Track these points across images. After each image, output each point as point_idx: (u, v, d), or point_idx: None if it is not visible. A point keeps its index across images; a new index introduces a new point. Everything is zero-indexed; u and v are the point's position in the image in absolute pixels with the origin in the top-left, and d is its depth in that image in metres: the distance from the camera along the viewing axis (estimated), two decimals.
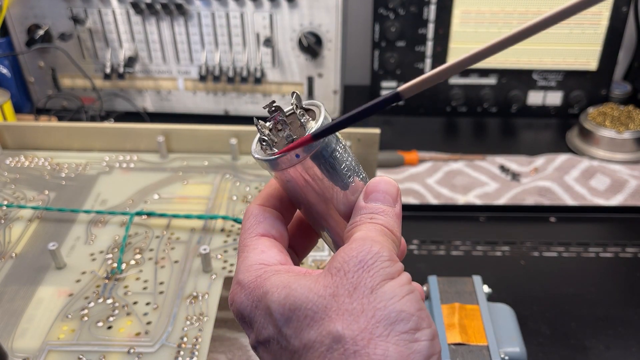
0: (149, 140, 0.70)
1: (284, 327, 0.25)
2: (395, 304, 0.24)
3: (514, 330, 0.48)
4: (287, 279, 0.26)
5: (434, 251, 0.68)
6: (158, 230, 0.58)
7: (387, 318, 0.24)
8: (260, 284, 0.27)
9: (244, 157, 0.70)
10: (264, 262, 0.28)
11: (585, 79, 0.92)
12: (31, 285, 0.51)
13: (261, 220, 0.30)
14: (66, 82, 0.93)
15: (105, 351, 0.45)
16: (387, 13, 0.88)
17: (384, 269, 0.25)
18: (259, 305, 0.27)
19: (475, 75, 0.93)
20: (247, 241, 0.29)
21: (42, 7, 0.86)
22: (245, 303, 0.27)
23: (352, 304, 0.24)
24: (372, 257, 0.25)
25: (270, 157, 0.28)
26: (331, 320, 0.24)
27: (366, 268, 0.25)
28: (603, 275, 0.64)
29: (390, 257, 0.26)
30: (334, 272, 0.25)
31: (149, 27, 0.87)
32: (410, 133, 0.93)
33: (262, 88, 0.91)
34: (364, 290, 0.25)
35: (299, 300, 0.25)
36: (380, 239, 0.27)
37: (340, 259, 0.26)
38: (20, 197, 0.63)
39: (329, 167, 0.28)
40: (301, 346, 0.25)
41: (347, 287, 0.25)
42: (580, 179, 0.80)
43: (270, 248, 0.29)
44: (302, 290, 0.25)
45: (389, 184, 0.29)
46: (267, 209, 0.30)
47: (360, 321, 0.24)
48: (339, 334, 0.24)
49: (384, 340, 0.24)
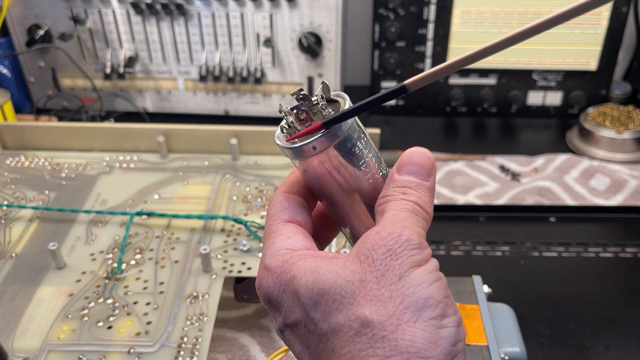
0: (149, 140, 0.70)
1: (312, 311, 0.26)
2: (423, 290, 0.24)
3: (513, 330, 0.48)
4: (315, 264, 0.26)
5: (434, 251, 0.68)
6: (158, 230, 0.58)
7: (414, 304, 0.24)
8: (287, 269, 0.27)
9: (244, 157, 0.70)
10: (291, 247, 0.28)
11: (585, 79, 0.92)
12: (31, 285, 0.51)
13: (286, 207, 0.30)
14: (66, 82, 0.93)
15: (106, 351, 0.45)
16: (387, 13, 0.88)
17: (412, 256, 0.25)
18: (287, 289, 0.27)
19: (475, 76, 0.93)
20: (273, 227, 0.30)
21: (42, 7, 0.86)
22: (272, 287, 0.27)
23: (380, 290, 0.25)
24: (400, 245, 0.25)
25: (290, 145, 0.28)
26: (359, 306, 0.25)
27: (394, 256, 0.25)
28: (603, 275, 0.64)
29: (419, 244, 0.26)
30: (362, 259, 0.25)
31: (149, 27, 0.87)
32: (410, 133, 0.93)
33: (262, 88, 0.91)
34: (392, 277, 0.25)
35: (327, 285, 0.25)
36: (411, 222, 0.26)
37: (369, 245, 0.26)
38: (20, 197, 0.63)
39: (350, 156, 0.28)
40: (329, 330, 0.25)
41: (375, 274, 0.25)
42: (580, 179, 0.80)
43: (296, 234, 0.29)
44: (330, 275, 0.26)
45: (424, 156, 0.29)
46: (291, 196, 0.31)
47: (388, 307, 0.24)
48: (368, 319, 0.24)
49: (411, 326, 0.24)
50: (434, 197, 0.29)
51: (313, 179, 0.29)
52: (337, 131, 0.27)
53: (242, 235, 0.57)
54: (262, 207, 0.61)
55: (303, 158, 0.28)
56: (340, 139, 0.27)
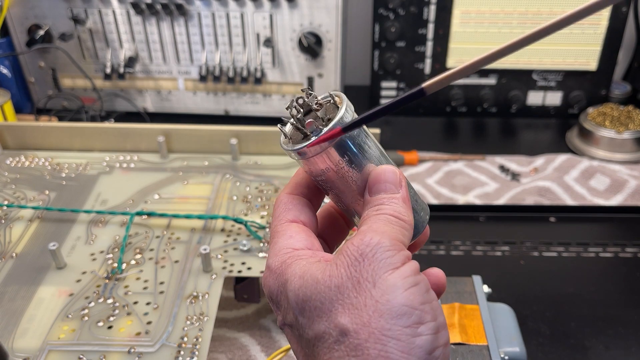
0: (149, 140, 0.70)
1: (300, 316, 0.27)
2: (397, 297, 0.24)
3: (513, 330, 0.48)
4: (303, 268, 0.27)
5: (434, 251, 0.68)
6: (158, 230, 0.58)
7: (389, 312, 0.24)
8: (284, 270, 0.28)
9: (244, 157, 0.70)
10: (292, 246, 0.29)
11: (585, 79, 0.92)
12: (32, 285, 0.51)
13: (290, 207, 0.31)
14: (66, 82, 0.93)
15: (106, 351, 0.45)
16: (387, 13, 0.88)
17: (385, 259, 0.25)
18: (283, 291, 0.28)
19: (475, 76, 0.93)
20: (278, 227, 0.30)
21: (43, 7, 0.86)
22: (273, 287, 0.29)
23: (357, 298, 0.25)
24: (371, 249, 0.26)
25: (294, 148, 0.29)
26: (337, 313, 0.25)
27: (367, 260, 0.25)
28: (603, 275, 0.64)
29: (392, 246, 0.26)
30: (339, 264, 0.26)
31: (149, 27, 0.87)
32: (410, 133, 0.93)
33: (262, 88, 0.91)
34: (366, 284, 0.25)
35: (309, 292, 0.26)
36: (384, 229, 0.27)
37: (344, 252, 0.26)
38: (20, 197, 0.63)
39: (354, 157, 0.29)
40: (313, 336, 0.26)
41: (352, 280, 0.25)
42: (580, 179, 0.80)
43: (298, 233, 0.30)
44: (312, 281, 0.26)
45: (390, 172, 0.29)
46: (295, 197, 0.31)
47: (363, 315, 0.24)
48: (345, 327, 0.25)
49: (385, 335, 0.24)
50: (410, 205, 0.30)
51: (318, 178, 0.30)
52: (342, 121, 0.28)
53: (242, 235, 0.57)
54: (262, 207, 0.61)
55: (306, 158, 0.29)
56: (345, 138, 0.28)
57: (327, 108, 0.29)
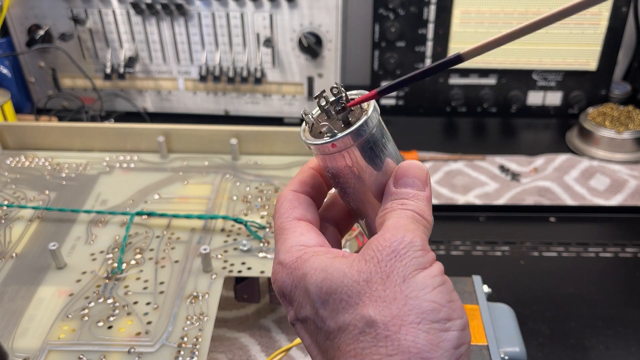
0: (149, 140, 0.70)
1: (321, 309, 0.27)
2: (426, 294, 0.25)
3: (513, 330, 0.48)
4: (325, 262, 0.27)
5: (434, 251, 0.67)
6: (158, 230, 0.58)
7: (418, 307, 0.25)
8: (300, 265, 0.28)
9: (244, 157, 0.70)
10: (304, 243, 0.29)
11: (585, 79, 0.92)
12: (32, 285, 0.51)
13: (296, 205, 0.31)
14: (66, 82, 0.93)
15: (106, 351, 0.45)
16: (387, 13, 0.88)
17: (416, 258, 0.26)
18: (299, 285, 0.28)
19: (475, 76, 0.93)
20: (285, 224, 0.30)
21: (43, 7, 0.86)
22: (286, 282, 0.28)
23: (385, 291, 0.25)
24: (404, 247, 0.26)
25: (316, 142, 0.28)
26: (365, 306, 0.25)
27: (399, 258, 0.26)
28: (603, 275, 0.64)
29: (423, 247, 0.27)
30: (368, 259, 0.26)
31: (149, 28, 0.87)
32: (410, 133, 0.93)
33: (262, 88, 0.91)
34: (396, 279, 0.25)
35: (334, 284, 0.26)
36: (413, 227, 0.27)
37: (374, 247, 0.26)
38: (20, 197, 0.63)
39: (372, 153, 0.29)
40: (336, 328, 0.26)
41: (380, 275, 0.26)
42: (580, 179, 0.80)
43: (309, 231, 0.30)
44: (338, 274, 0.26)
45: (418, 168, 0.30)
46: (300, 195, 0.31)
47: (392, 308, 0.25)
48: (372, 319, 0.25)
49: (414, 327, 0.24)
50: (432, 205, 0.30)
51: (334, 173, 0.30)
52: (362, 131, 0.28)
53: (242, 235, 0.57)
54: (262, 207, 0.61)
55: (325, 154, 0.29)
56: (365, 138, 0.28)
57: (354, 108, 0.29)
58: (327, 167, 0.30)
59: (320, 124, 0.28)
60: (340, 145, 0.28)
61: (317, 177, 0.32)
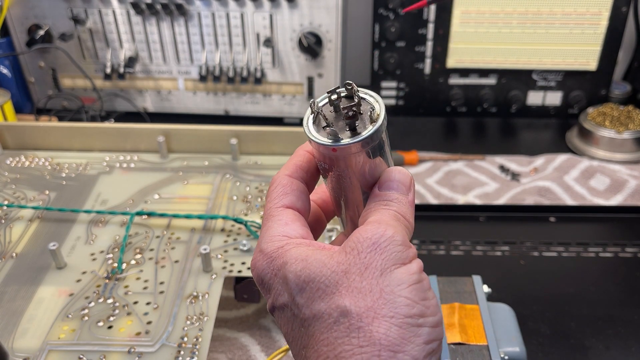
0: (149, 140, 0.70)
1: (298, 296, 0.27)
2: (402, 290, 0.26)
3: (513, 330, 0.48)
4: (306, 252, 0.28)
5: (434, 251, 0.68)
6: (158, 230, 0.58)
7: (392, 302, 0.25)
8: (281, 254, 0.28)
9: (244, 157, 0.70)
10: (287, 234, 0.29)
11: (585, 79, 0.92)
12: (32, 285, 0.51)
13: (288, 191, 0.31)
14: (66, 82, 0.93)
15: (106, 351, 0.45)
16: (387, 13, 0.88)
17: (396, 253, 0.26)
18: (278, 273, 0.28)
19: (475, 76, 0.93)
20: (273, 211, 0.31)
21: (43, 7, 0.86)
22: (266, 270, 0.29)
23: (362, 283, 0.26)
24: (385, 240, 0.27)
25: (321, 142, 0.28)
26: (340, 295, 0.26)
27: (379, 250, 0.26)
28: (603, 275, 0.64)
29: (404, 242, 0.27)
30: (348, 251, 0.27)
31: (149, 27, 0.87)
32: (410, 133, 0.93)
33: (262, 88, 0.91)
34: (374, 271, 0.26)
35: (313, 273, 0.27)
36: (394, 223, 0.28)
37: (355, 239, 0.27)
38: (20, 197, 0.63)
39: (370, 159, 0.29)
40: (311, 315, 0.26)
41: (359, 266, 0.26)
42: (580, 179, 0.80)
43: (294, 221, 0.30)
44: (317, 264, 0.27)
45: (402, 173, 0.30)
46: (294, 181, 0.31)
47: (367, 300, 0.25)
48: (346, 309, 0.25)
49: (387, 320, 0.25)
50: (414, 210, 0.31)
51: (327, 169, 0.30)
52: (365, 143, 0.28)
53: (242, 235, 0.57)
54: (262, 207, 0.61)
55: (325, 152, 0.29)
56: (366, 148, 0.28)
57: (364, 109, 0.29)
58: (321, 161, 0.30)
59: (326, 120, 0.28)
60: (341, 151, 0.28)
61: (312, 162, 0.32)
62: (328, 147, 0.28)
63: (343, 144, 0.28)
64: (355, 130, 0.28)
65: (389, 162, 0.31)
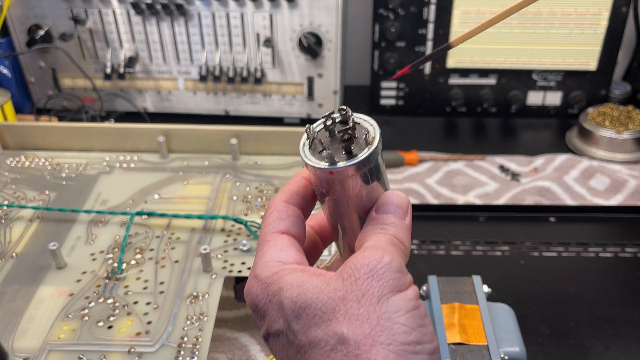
0: (149, 140, 0.70)
1: (294, 322, 0.27)
2: (399, 317, 0.26)
3: (513, 330, 0.48)
4: (302, 278, 0.27)
5: (434, 251, 0.68)
6: (158, 230, 0.58)
7: (390, 329, 0.25)
8: (276, 280, 0.28)
9: (244, 157, 0.70)
10: (282, 259, 0.29)
11: (585, 79, 0.92)
12: (32, 285, 0.51)
13: (284, 217, 0.31)
14: (66, 82, 0.93)
15: (106, 351, 0.45)
16: (387, 13, 0.88)
17: (392, 280, 0.26)
18: (273, 299, 0.28)
19: (475, 76, 0.93)
20: (268, 236, 0.30)
21: (43, 7, 0.86)
22: (260, 296, 0.28)
23: (359, 310, 0.26)
24: (382, 267, 0.26)
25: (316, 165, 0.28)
26: (338, 322, 0.26)
27: (376, 277, 0.26)
28: (603, 275, 0.64)
29: (400, 269, 0.27)
30: (345, 277, 0.26)
31: (150, 28, 0.87)
32: (410, 133, 0.93)
33: (262, 88, 0.91)
34: (371, 298, 0.26)
35: (309, 300, 0.26)
36: (391, 249, 0.28)
37: (352, 265, 0.27)
38: (20, 197, 0.63)
39: (367, 183, 0.29)
40: (307, 342, 0.26)
41: (356, 293, 0.26)
42: (580, 179, 0.80)
43: (289, 247, 0.30)
44: (314, 290, 0.27)
45: (400, 198, 0.30)
46: (290, 207, 0.31)
47: (364, 327, 0.25)
48: (344, 336, 0.25)
49: (385, 348, 0.25)
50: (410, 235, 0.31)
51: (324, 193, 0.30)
52: (362, 165, 0.28)
53: (242, 235, 0.57)
54: (262, 207, 0.61)
55: (321, 176, 0.29)
56: (363, 170, 0.28)
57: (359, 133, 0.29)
58: (318, 186, 0.30)
59: (322, 144, 0.28)
60: (338, 174, 0.28)
61: (308, 188, 0.32)
62: (325, 170, 0.28)
63: (339, 166, 0.28)
64: (351, 153, 0.28)
65: (385, 185, 0.31)
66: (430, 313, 0.49)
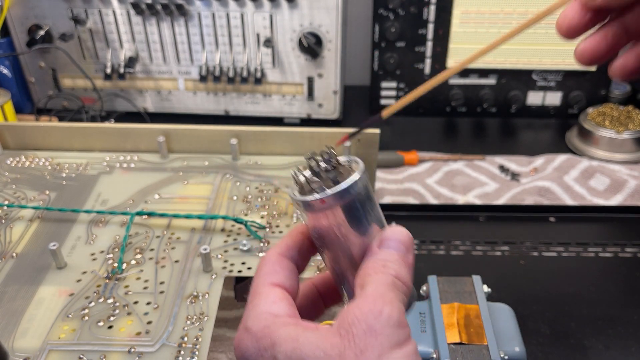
0: (150, 141, 0.70)
1: None
2: None
3: (513, 330, 0.48)
4: (295, 332, 0.27)
5: (434, 251, 0.68)
6: (158, 230, 0.58)
7: None
8: (268, 334, 0.27)
9: (244, 157, 0.70)
10: (274, 312, 0.29)
11: (585, 79, 0.92)
12: (32, 285, 0.51)
13: (277, 270, 0.31)
14: (67, 82, 0.93)
15: (106, 351, 0.45)
16: (387, 13, 0.88)
17: (392, 334, 0.26)
18: (265, 354, 0.27)
19: (475, 76, 0.93)
20: (260, 288, 0.30)
21: (43, 7, 0.87)
22: (250, 350, 0.28)
23: None
24: (381, 322, 0.26)
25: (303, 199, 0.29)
26: None
27: (374, 334, 0.25)
28: (603, 275, 0.64)
29: (399, 322, 0.26)
30: (343, 334, 0.26)
31: (150, 28, 0.88)
32: (410, 133, 0.93)
33: (262, 88, 0.91)
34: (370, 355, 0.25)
35: (305, 355, 0.26)
36: (391, 296, 0.27)
37: (349, 320, 0.26)
38: (21, 197, 0.63)
39: (359, 214, 0.29)
40: None
41: (354, 350, 0.25)
42: (580, 179, 0.80)
43: (281, 299, 0.29)
44: (310, 346, 0.26)
45: (402, 233, 0.30)
46: (284, 259, 0.31)
47: None
48: None
49: None
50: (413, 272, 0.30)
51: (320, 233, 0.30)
52: (351, 188, 0.28)
53: (242, 235, 0.57)
54: (262, 207, 0.61)
55: (313, 211, 0.29)
56: (352, 197, 0.29)
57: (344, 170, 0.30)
58: (313, 227, 0.31)
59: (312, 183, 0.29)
60: (328, 202, 0.28)
61: (305, 243, 0.32)
62: (314, 200, 0.28)
63: (328, 193, 0.28)
64: (339, 183, 0.29)
65: (382, 221, 0.31)
66: (430, 313, 0.49)
